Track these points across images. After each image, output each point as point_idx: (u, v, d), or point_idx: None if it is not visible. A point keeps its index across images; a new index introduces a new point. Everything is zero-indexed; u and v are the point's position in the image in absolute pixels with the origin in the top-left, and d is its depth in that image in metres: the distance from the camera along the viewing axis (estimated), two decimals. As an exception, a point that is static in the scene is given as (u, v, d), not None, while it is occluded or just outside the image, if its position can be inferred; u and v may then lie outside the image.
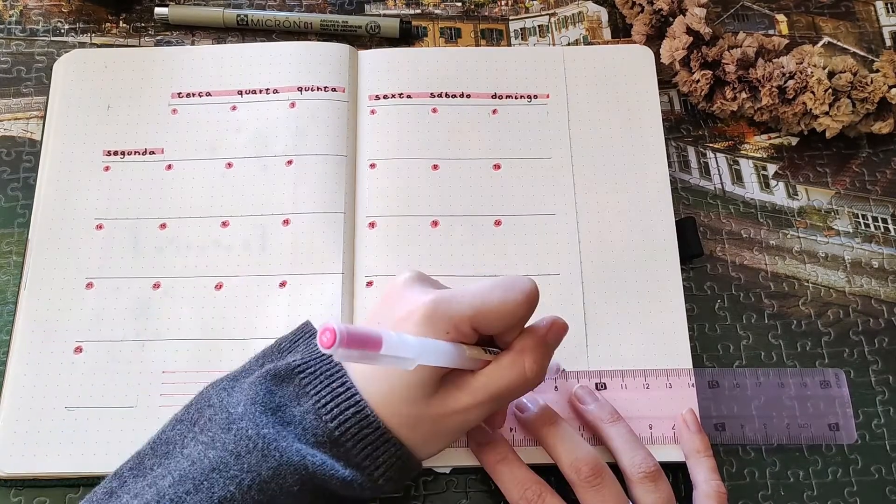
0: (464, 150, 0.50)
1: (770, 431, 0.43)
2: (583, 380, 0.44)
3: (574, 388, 0.43)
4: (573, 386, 0.43)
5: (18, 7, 0.55)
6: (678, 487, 0.43)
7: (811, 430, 0.43)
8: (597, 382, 0.44)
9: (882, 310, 0.48)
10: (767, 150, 0.52)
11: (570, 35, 0.55)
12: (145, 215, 0.48)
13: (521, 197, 0.49)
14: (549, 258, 0.47)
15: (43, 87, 0.52)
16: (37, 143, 0.51)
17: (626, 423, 0.42)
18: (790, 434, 0.43)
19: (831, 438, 0.43)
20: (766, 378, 0.44)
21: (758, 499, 0.43)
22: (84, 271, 0.46)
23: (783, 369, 0.45)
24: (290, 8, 0.56)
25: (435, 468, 0.43)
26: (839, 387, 0.44)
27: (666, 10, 0.52)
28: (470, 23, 0.56)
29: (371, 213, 0.48)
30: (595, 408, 0.42)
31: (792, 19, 0.56)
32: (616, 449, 0.41)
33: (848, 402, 0.44)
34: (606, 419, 0.42)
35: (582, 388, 0.43)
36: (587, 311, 0.46)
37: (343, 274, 0.46)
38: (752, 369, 0.45)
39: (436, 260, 0.47)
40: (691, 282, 0.48)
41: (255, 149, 0.49)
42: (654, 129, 0.50)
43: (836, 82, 0.50)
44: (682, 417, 0.43)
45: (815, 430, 0.43)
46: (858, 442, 0.44)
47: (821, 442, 0.44)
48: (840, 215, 0.50)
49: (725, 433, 0.43)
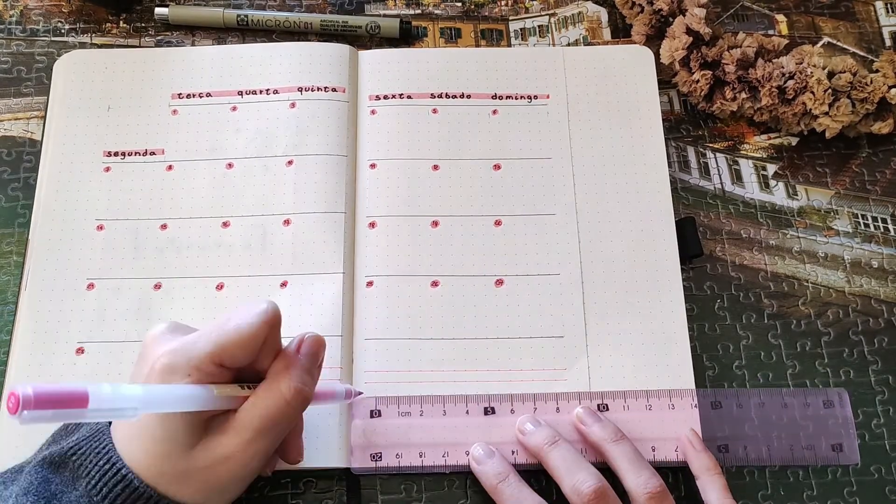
0: (464, 150, 0.50)
1: (773, 453, 0.43)
2: (584, 401, 0.43)
3: (576, 410, 0.43)
4: (574, 408, 0.43)
5: (19, 7, 0.55)
6: (678, 488, 0.43)
7: (814, 451, 0.43)
8: (599, 404, 0.43)
9: (882, 310, 0.48)
10: (767, 150, 0.52)
11: (569, 35, 0.55)
12: (146, 216, 0.48)
13: (521, 197, 0.49)
14: (549, 258, 0.47)
15: (43, 87, 0.52)
16: (37, 144, 0.51)
17: (631, 443, 0.41)
18: (794, 455, 0.43)
19: (834, 459, 0.43)
20: (770, 398, 0.44)
21: (758, 499, 0.43)
22: (85, 272, 0.46)
23: (786, 389, 0.45)
24: (290, 8, 0.56)
25: (435, 468, 0.43)
26: (842, 406, 0.44)
27: (666, 11, 0.52)
28: (470, 23, 0.56)
29: (371, 213, 0.48)
30: (598, 428, 0.42)
31: (792, 19, 0.56)
32: (621, 469, 0.40)
33: (851, 423, 0.43)
34: (610, 439, 0.41)
35: (584, 410, 0.43)
36: (587, 311, 0.46)
37: (343, 274, 0.46)
38: (755, 389, 0.44)
39: (436, 260, 0.47)
40: (691, 282, 0.48)
41: (255, 149, 0.49)
42: (654, 129, 0.51)
43: (835, 82, 0.50)
44: (687, 438, 0.42)
45: (818, 451, 0.43)
46: (858, 442, 0.44)
47: (824, 464, 0.44)
48: (840, 215, 0.50)
49: (728, 455, 0.43)
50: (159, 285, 0.46)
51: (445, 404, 0.43)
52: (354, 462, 0.42)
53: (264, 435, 0.35)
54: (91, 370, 0.44)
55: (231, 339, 0.34)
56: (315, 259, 0.46)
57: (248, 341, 0.34)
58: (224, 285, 0.46)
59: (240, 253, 0.47)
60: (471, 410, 0.43)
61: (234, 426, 0.34)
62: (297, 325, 0.45)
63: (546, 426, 0.42)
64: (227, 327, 0.34)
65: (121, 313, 0.45)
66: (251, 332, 0.34)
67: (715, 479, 0.40)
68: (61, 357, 0.44)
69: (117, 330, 0.45)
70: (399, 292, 0.46)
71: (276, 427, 0.35)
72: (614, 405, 0.43)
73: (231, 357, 0.34)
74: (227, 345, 0.34)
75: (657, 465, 0.41)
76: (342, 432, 0.43)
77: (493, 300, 0.46)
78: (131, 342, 0.45)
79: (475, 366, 0.45)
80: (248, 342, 0.34)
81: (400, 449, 0.42)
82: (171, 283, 0.46)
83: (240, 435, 0.34)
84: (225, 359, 0.34)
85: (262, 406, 0.35)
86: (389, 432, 0.43)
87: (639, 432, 0.43)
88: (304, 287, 0.46)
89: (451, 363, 0.45)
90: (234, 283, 0.46)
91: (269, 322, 0.35)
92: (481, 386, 0.44)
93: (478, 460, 0.41)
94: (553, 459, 0.40)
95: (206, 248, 0.47)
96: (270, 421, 0.34)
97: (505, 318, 0.46)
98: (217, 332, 0.34)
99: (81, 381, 0.27)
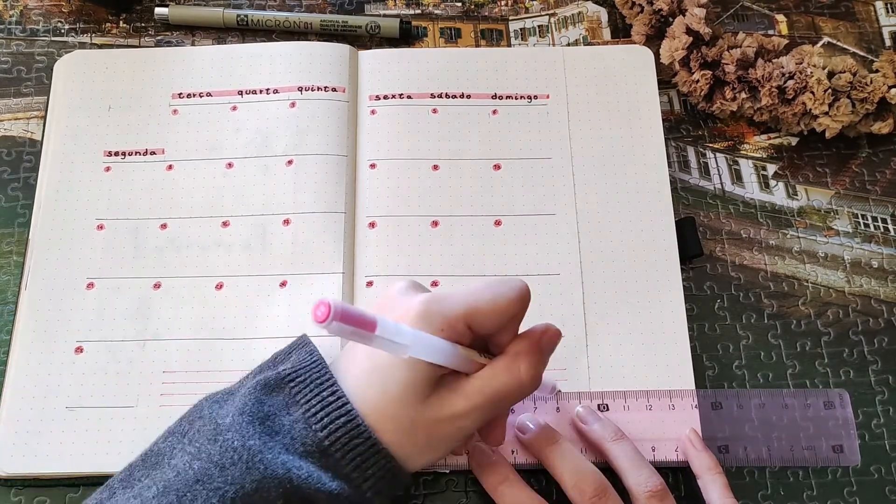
0: (464, 150, 0.50)
1: (774, 454, 0.43)
2: (584, 401, 0.43)
3: (576, 409, 0.43)
4: (574, 407, 0.43)
5: (19, 7, 0.55)
6: (678, 488, 0.43)
7: (815, 451, 0.43)
8: (599, 403, 0.43)
9: (882, 310, 0.48)
10: (767, 150, 0.52)
11: (569, 35, 0.56)
12: (146, 215, 0.48)
13: (521, 197, 0.49)
14: (549, 258, 0.47)
15: (43, 87, 0.52)
16: (37, 143, 0.51)
17: (631, 442, 0.41)
18: (794, 456, 0.43)
19: (835, 461, 0.43)
20: (770, 399, 0.44)
21: (758, 499, 0.43)
22: (85, 271, 0.46)
23: (787, 390, 0.45)
24: (290, 8, 0.56)
25: (435, 468, 0.43)
26: (843, 407, 0.43)
27: (666, 11, 0.52)
28: (470, 23, 0.56)
29: (371, 213, 0.48)
30: (599, 427, 0.42)
31: (792, 19, 0.56)
32: (621, 468, 0.40)
33: (852, 424, 0.43)
34: (610, 438, 0.41)
35: (584, 409, 0.43)
36: (587, 311, 0.46)
37: (343, 274, 0.46)
38: (755, 390, 0.44)
39: (436, 260, 0.47)
40: (691, 282, 0.48)
41: (255, 149, 0.49)
42: (654, 129, 0.50)
43: (835, 82, 0.50)
44: (687, 438, 0.42)
45: (818, 452, 0.43)
46: (858, 442, 0.44)
47: (825, 465, 0.44)
48: (840, 215, 0.50)
49: (729, 455, 0.42)
50: (159, 285, 0.46)
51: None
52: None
53: (492, 405, 0.35)
54: (90, 369, 0.44)
55: (487, 307, 0.34)
56: (315, 259, 0.46)
57: (501, 312, 0.35)
58: (223, 285, 0.46)
59: (239, 252, 0.47)
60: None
61: (468, 389, 0.35)
62: (297, 324, 0.45)
63: (546, 425, 0.42)
64: (484, 294, 0.35)
65: (120, 312, 0.45)
66: (506, 305, 0.35)
67: (716, 479, 0.40)
68: (60, 356, 0.44)
69: (116, 329, 0.45)
70: (399, 292, 0.46)
71: (505, 402, 0.36)
72: (614, 405, 0.43)
73: (481, 323, 0.34)
74: (481, 311, 0.34)
75: (657, 465, 0.41)
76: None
77: (493, 300, 0.46)
78: (130, 341, 0.45)
79: (475, 365, 0.45)
80: (500, 313, 0.35)
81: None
82: (170, 283, 0.46)
83: (469, 399, 0.35)
84: (475, 323, 0.34)
85: (498, 378, 0.35)
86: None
87: (639, 432, 0.42)
88: (304, 287, 0.46)
89: (450, 363, 0.45)
90: (233, 283, 0.46)
91: (524, 301, 0.35)
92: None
93: (477, 461, 0.41)
94: (554, 458, 0.40)
95: (206, 247, 0.47)
96: (502, 394, 0.35)
97: (505, 317, 0.46)
98: (473, 295, 0.35)
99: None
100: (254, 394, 0.35)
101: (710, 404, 0.43)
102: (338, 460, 0.34)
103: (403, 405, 0.34)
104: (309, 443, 0.34)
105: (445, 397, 0.35)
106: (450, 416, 0.35)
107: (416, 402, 0.34)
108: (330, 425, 0.34)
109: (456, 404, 0.35)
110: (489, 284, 0.35)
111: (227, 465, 0.32)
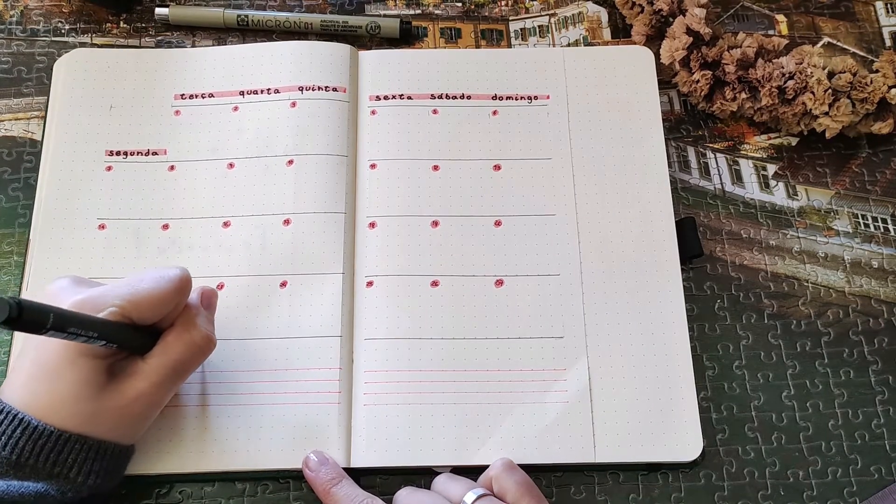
0: (464, 150, 0.50)
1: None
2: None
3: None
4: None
5: (19, 7, 0.56)
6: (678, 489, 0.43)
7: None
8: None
9: (882, 310, 0.48)
10: (767, 150, 0.52)
11: (569, 35, 0.56)
12: (148, 216, 0.48)
13: (522, 197, 0.49)
14: (549, 258, 0.47)
15: (44, 87, 0.52)
16: (37, 144, 0.51)
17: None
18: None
19: None
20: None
21: (758, 499, 0.43)
22: (86, 271, 0.46)
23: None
24: (291, 8, 0.56)
25: (435, 468, 0.43)
26: None
27: (666, 11, 0.52)
28: (470, 23, 0.56)
29: (371, 213, 0.48)
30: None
31: (792, 20, 0.56)
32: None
33: None
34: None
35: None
36: (587, 311, 0.46)
37: (343, 274, 0.46)
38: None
39: (436, 260, 0.47)
40: (691, 282, 0.48)
41: (256, 149, 0.49)
42: (654, 129, 0.51)
43: (835, 82, 0.50)
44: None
45: None
46: (858, 442, 0.44)
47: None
48: (840, 215, 0.50)
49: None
50: (160, 285, 0.46)
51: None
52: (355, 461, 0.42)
53: (175, 375, 0.38)
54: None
55: (143, 298, 0.36)
56: (315, 259, 0.46)
57: (159, 303, 0.37)
58: (224, 285, 0.46)
59: (240, 253, 0.47)
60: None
61: (145, 370, 0.37)
62: (297, 325, 0.45)
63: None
64: (140, 287, 0.37)
65: (121, 313, 0.46)
66: (163, 296, 0.37)
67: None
68: (62, 357, 0.44)
69: (118, 330, 0.45)
70: (399, 292, 0.46)
71: (186, 367, 0.39)
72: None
73: (139, 314, 0.36)
74: (138, 302, 0.36)
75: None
76: (342, 432, 0.43)
77: (493, 300, 0.46)
78: (132, 342, 0.45)
79: (475, 366, 0.45)
80: (159, 304, 0.37)
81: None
82: (171, 283, 0.46)
83: (150, 378, 0.37)
84: (133, 315, 0.36)
85: (173, 349, 0.38)
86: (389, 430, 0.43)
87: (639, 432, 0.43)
88: (304, 287, 0.46)
89: (451, 363, 0.45)
90: (234, 283, 0.46)
91: (182, 290, 0.38)
92: (481, 386, 0.44)
93: (311, 467, 0.41)
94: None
95: (207, 248, 0.47)
96: (180, 363, 0.38)
97: (505, 318, 0.46)
98: (128, 288, 0.36)
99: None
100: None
101: (711, 405, 0.43)
102: (33, 466, 0.35)
103: (78, 401, 0.36)
104: (1, 464, 0.35)
105: (124, 382, 0.37)
106: (135, 397, 0.37)
107: (91, 395, 0.36)
108: (10, 441, 0.35)
109: (137, 386, 0.37)
110: (146, 277, 0.37)
111: None
